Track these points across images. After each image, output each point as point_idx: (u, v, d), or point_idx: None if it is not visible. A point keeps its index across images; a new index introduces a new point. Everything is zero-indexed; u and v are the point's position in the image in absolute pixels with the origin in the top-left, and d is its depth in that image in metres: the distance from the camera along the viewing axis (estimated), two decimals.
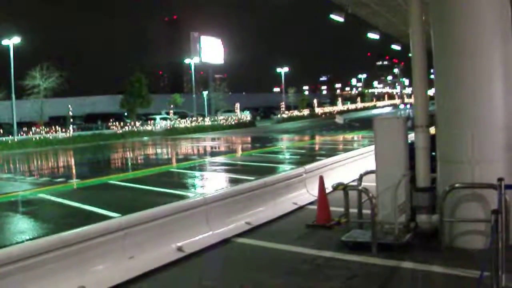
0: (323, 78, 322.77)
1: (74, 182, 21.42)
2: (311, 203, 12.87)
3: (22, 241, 10.60)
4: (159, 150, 39.95)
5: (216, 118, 72.78)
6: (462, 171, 8.78)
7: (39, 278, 6.82)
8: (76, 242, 7.44)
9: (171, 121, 63.49)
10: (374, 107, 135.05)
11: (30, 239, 10.81)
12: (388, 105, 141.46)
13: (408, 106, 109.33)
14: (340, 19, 26.02)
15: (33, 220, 13.77)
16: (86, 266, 7.54)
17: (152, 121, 61.74)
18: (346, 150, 25.46)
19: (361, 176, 10.99)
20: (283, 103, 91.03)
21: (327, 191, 11.38)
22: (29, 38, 57.55)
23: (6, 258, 6.49)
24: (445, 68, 9.30)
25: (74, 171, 28.20)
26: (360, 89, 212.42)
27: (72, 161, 34.05)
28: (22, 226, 12.99)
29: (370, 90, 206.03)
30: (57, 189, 18.67)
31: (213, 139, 48.77)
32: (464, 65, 8.91)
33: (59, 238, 7.39)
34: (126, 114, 64.87)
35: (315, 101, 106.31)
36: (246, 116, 77.53)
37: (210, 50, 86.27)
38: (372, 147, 10.26)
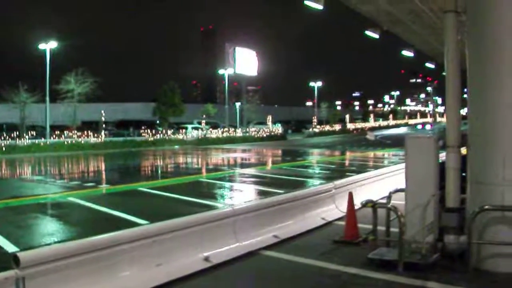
0: (356, 94, 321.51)
1: (104, 187, 21.66)
2: (339, 219, 12.82)
3: (50, 243, 10.75)
4: (189, 159, 40.15)
5: (247, 129, 72.94)
6: (493, 193, 8.67)
7: (67, 280, 6.89)
8: (105, 247, 7.51)
9: (202, 131, 63.81)
10: (406, 124, 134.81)
11: (58, 242, 10.97)
12: (419, 123, 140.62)
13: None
14: (375, 35, 26.07)
15: (61, 223, 13.90)
16: (114, 272, 7.60)
17: (184, 130, 62.01)
18: (376, 167, 25.34)
19: (390, 194, 10.96)
20: (315, 117, 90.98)
21: (356, 207, 11.36)
22: (66, 43, 58.19)
23: (36, 259, 6.58)
24: (479, 88, 9.22)
25: (104, 176, 28.55)
26: (392, 106, 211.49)
27: (103, 167, 34.43)
28: (51, 228, 13.15)
29: (402, 108, 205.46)
30: (86, 194, 18.87)
31: (243, 151, 48.81)
32: (497, 86, 8.81)
33: (88, 242, 7.49)
34: (158, 122, 65.30)
35: (347, 116, 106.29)
36: (278, 129, 77.69)
37: (244, 62, 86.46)
38: (402, 165, 10.21)
